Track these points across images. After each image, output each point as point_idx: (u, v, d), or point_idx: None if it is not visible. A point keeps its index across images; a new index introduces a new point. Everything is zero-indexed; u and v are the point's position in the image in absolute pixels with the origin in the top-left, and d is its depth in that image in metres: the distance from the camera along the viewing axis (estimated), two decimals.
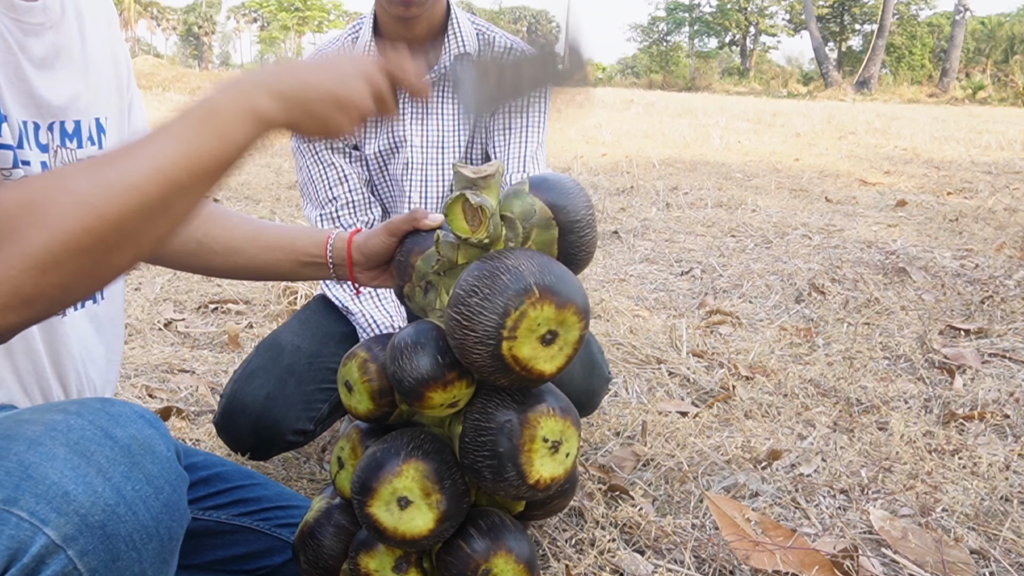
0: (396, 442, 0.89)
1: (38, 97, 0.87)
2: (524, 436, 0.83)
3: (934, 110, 16.53)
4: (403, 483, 0.85)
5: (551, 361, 0.81)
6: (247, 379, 1.41)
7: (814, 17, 30.08)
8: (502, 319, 0.77)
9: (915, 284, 2.98)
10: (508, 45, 1.52)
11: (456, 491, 0.87)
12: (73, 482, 0.59)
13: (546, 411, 0.85)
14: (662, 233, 3.88)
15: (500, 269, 0.79)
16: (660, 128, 9.81)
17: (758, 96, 22.86)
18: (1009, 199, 5.00)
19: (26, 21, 0.85)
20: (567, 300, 0.79)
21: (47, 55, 0.88)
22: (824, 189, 5.34)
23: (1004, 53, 29.79)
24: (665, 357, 2.20)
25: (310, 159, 1.56)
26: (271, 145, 0.76)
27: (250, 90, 0.72)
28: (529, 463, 0.84)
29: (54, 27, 0.89)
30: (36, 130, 0.87)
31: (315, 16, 50.52)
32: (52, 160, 0.88)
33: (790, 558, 1.28)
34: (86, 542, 0.58)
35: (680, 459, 1.63)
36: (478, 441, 0.85)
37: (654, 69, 36.87)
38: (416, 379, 0.85)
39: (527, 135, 1.52)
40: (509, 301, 0.77)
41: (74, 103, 0.92)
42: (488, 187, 0.86)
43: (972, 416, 1.85)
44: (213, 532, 1.07)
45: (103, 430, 0.63)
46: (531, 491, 0.85)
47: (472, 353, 0.80)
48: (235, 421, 1.39)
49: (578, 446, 0.88)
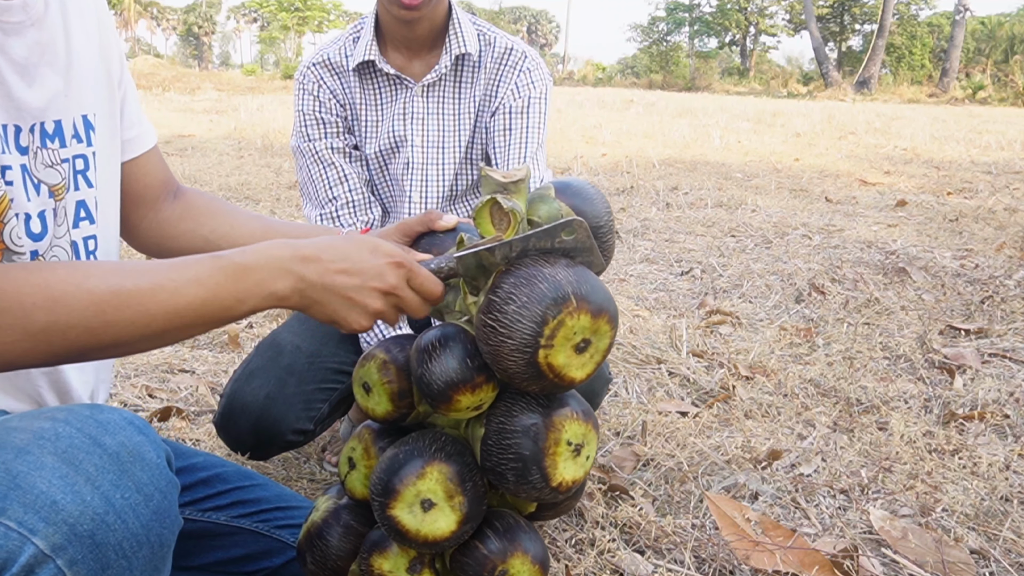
0: (418, 444, 0.88)
1: (17, 100, 0.86)
2: (550, 439, 0.84)
3: (934, 110, 16.53)
4: (427, 485, 0.85)
5: (582, 368, 0.83)
6: (247, 379, 1.41)
7: (814, 17, 30.08)
8: (540, 327, 0.78)
9: (915, 284, 2.98)
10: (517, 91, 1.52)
11: (477, 493, 0.87)
12: (61, 491, 0.59)
13: (570, 415, 0.86)
14: (662, 233, 3.88)
15: (538, 277, 0.80)
16: (660, 128, 9.81)
17: (758, 96, 22.86)
18: (1009, 199, 5.00)
19: (6, 20, 0.84)
20: (602, 309, 0.80)
21: (29, 54, 0.87)
22: (824, 189, 5.33)
23: (1004, 53, 29.78)
24: (665, 357, 2.20)
25: (310, 159, 1.56)
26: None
27: (280, 269, 0.78)
28: (553, 466, 0.85)
29: (36, 24, 0.88)
30: (17, 133, 0.86)
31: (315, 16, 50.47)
32: (32, 162, 0.88)
33: (790, 558, 1.28)
34: (75, 551, 0.58)
35: (680, 459, 1.63)
36: (503, 444, 0.85)
37: (654, 69, 36.85)
38: (445, 382, 0.85)
39: (527, 136, 1.51)
40: (548, 310, 0.78)
41: (55, 102, 0.91)
42: (518, 191, 0.86)
43: (972, 416, 1.85)
44: (212, 534, 1.07)
45: (92, 438, 0.63)
46: (553, 493, 0.86)
47: (507, 360, 0.80)
48: (235, 421, 1.39)
49: (596, 449, 0.89)
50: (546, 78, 1.56)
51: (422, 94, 1.53)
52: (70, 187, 0.93)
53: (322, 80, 1.54)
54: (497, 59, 1.53)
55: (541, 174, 1.53)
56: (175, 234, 1.13)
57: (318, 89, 1.54)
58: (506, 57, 1.53)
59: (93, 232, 0.97)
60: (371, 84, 1.54)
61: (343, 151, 1.56)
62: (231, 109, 11.79)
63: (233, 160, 6.26)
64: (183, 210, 1.12)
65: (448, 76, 1.53)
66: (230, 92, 17.15)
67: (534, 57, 1.55)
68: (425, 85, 1.52)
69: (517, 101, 1.51)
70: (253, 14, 66.00)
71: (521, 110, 1.51)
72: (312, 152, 1.55)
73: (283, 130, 8.36)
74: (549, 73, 1.58)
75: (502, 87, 1.53)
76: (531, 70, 1.53)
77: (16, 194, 0.85)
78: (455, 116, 1.55)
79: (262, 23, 64.33)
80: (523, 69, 1.53)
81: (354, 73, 1.53)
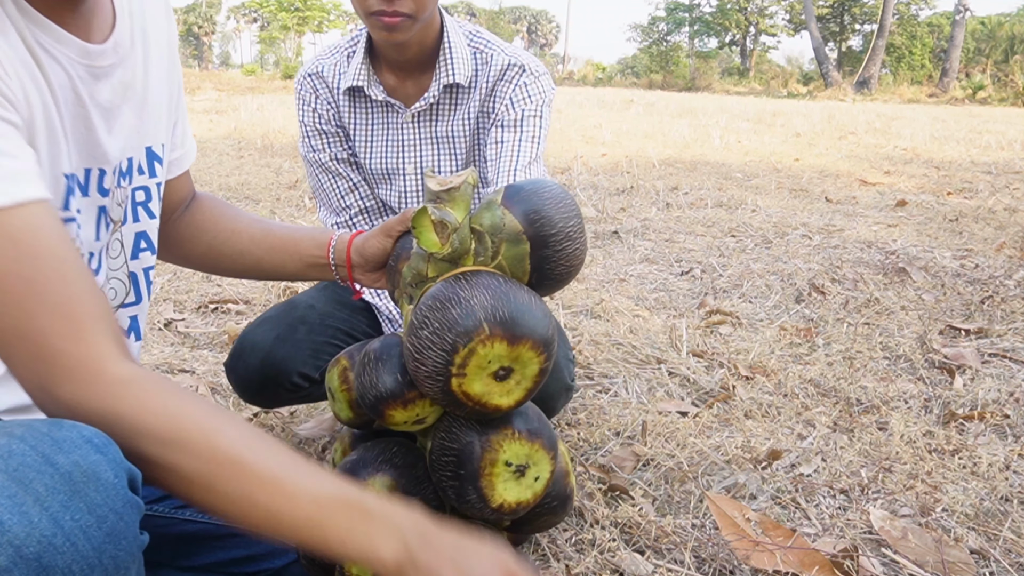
0: (368, 453, 0.87)
1: (102, 145, 0.85)
2: (485, 459, 0.79)
3: (934, 110, 16.52)
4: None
5: (508, 395, 0.78)
6: (259, 324, 1.46)
7: (814, 17, 30.07)
8: (450, 356, 0.74)
9: (915, 284, 2.98)
10: (506, 63, 1.48)
11: (425, 507, 0.84)
12: (8, 511, 0.57)
13: (510, 434, 0.80)
14: (662, 233, 3.88)
15: (452, 301, 0.75)
16: (660, 128, 9.81)
17: (758, 96, 22.86)
18: (1009, 199, 5.00)
19: (98, 65, 0.83)
20: (522, 336, 0.75)
21: (113, 96, 0.86)
22: (824, 189, 5.33)
23: (1004, 53, 29.77)
24: (665, 357, 2.20)
25: (319, 169, 1.56)
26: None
27: (395, 530, 0.69)
28: (491, 487, 0.80)
29: (122, 63, 0.87)
30: (101, 177, 0.85)
31: (315, 16, 50.38)
32: (111, 202, 0.87)
33: (790, 558, 1.28)
34: (21, 574, 0.56)
35: (680, 459, 1.63)
36: (442, 461, 0.82)
37: (654, 69, 36.82)
38: (375, 396, 0.82)
39: (519, 149, 1.46)
40: (458, 338, 0.73)
41: (129, 140, 0.90)
42: (452, 200, 0.81)
43: (972, 416, 1.85)
44: (213, 535, 1.07)
45: (44, 456, 0.61)
46: (496, 514, 0.81)
47: (424, 385, 0.77)
48: (244, 359, 1.42)
49: (552, 468, 0.83)
50: (545, 91, 1.49)
51: (412, 121, 1.50)
52: (127, 219, 0.93)
53: (317, 91, 1.53)
54: (494, 78, 1.48)
55: None
56: (180, 240, 1.14)
57: (315, 100, 1.53)
58: (503, 74, 1.48)
59: (152, 263, 0.98)
60: (362, 107, 1.52)
61: (348, 161, 1.56)
62: (231, 109, 11.79)
63: (233, 160, 6.26)
64: (190, 216, 1.14)
65: (440, 101, 1.49)
66: (230, 92, 17.14)
67: (533, 70, 1.49)
68: (415, 113, 1.49)
69: (510, 114, 1.46)
70: (253, 14, 65.99)
71: (514, 123, 1.46)
72: (319, 163, 1.55)
73: (283, 130, 8.36)
74: (551, 85, 1.52)
75: (498, 102, 1.48)
76: (527, 84, 1.47)
77: (86, 235, 0.85)
78: (449, 139, 1.52)
79: (262, 23, 64.31)
80: (519, 84, 1.47)
81: (344, 95, 1.51)
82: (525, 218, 0.82)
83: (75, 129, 0.81)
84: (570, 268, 0.84)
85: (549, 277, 0.83)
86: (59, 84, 0.79)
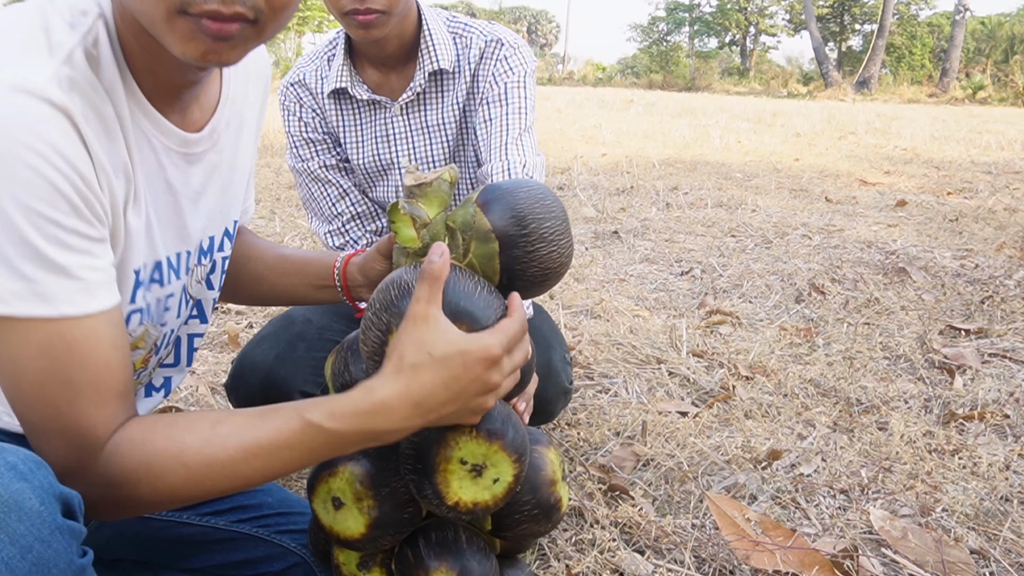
0: None
1: (189, 228, 0.86)
2: (440, 455, 0.79)
3: (934, 110, 16.52)
4: (337, 484, 0.85)
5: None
6: (257, 343, 1.44)
7: (814, 17, 30.07)
8: (384, 336, 0.77)
9: (915, 284, 2.98)
10: (486, 41, 1.48)
11: (397, 499, 0.84)
12: None
13: (468, 432, 0.79)
14: (662, 233, 3.88)
15: (394, 283, 0.78)
16: (660, 128, 9.81)
17: (758, 96, 22.86)
18: (1009, 199, 5.00)
19: (191, 152, 0.83)
20: (459, 319, 0.75)
21: (203, 180, 0.87)
22: (824, 189, 5.33)
23: (1004, 53, 29.76)
24: (665, 357, 2.20)
25: (308, 178, 1.55)
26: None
27: (404, 420, 0.74)
28: (445, 483, 0.79)
29: (214, 146, 0.87)
30: (187, 258, 0.87)
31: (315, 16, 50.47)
32: (189, 280, 0.88)
33: (790, 558, 1.28)
34: None
35: (680, 459, 1.63)
36: (406, 453, 0.82)
37: (654, 69, 36.82)
38: (342, 383, 0.85)
39: (507, 122, 1.44)
40: (392, 318, 0.76)
41: (211, 220, 0.91)
42: (425, 195, 0.81)
43: (972, 416, 1.85)
44: (210, 539, 1.07)
45: None
46: (453, 512, 0.80)
47: (368, 365, 0.80)
48: (245, 380, 1.41)
49: (516, 472, 0.81)
50: (525, 61, 1.48)
51: (401, 113, 1.49)
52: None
53: (301, 100, 1.52)
54: (475, 59, 1.48)
55: (526, 159, 1.43)
56: None
57: (299, 109, 1.52)
58: (483, 53, 1.48)
59: (201, 330, 0.99)
60: (349, 108, 1.51)
61: (337, 167, 1.55)
62: None
63: None
64: None
65: (427, 89, 1.49)
66: None
67: (511, 43, 1.48)
68: (403, 104, 1.48)
69: (494, 89, 1.46)
70: None
71: (499, 97, 1.45)
72: (308, 172, 1.55)
73: (282, 130, 8.33)
74: (531, 55, 1.51)
75: (482, 82, 1.48)
76: (507, 57, 1.47)
77: (170, 316, 0.87)
78: (440, 126, 1.51)
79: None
80: (499, 58, 1.46)
81: (329, 98, 1.50)
82: (496, 217, 0.80)
83: (165, 216, 0.82)
84: (546, 271, 0.82)
85: (521, 279, 0.82)
86: (151, 175, 0.79)
